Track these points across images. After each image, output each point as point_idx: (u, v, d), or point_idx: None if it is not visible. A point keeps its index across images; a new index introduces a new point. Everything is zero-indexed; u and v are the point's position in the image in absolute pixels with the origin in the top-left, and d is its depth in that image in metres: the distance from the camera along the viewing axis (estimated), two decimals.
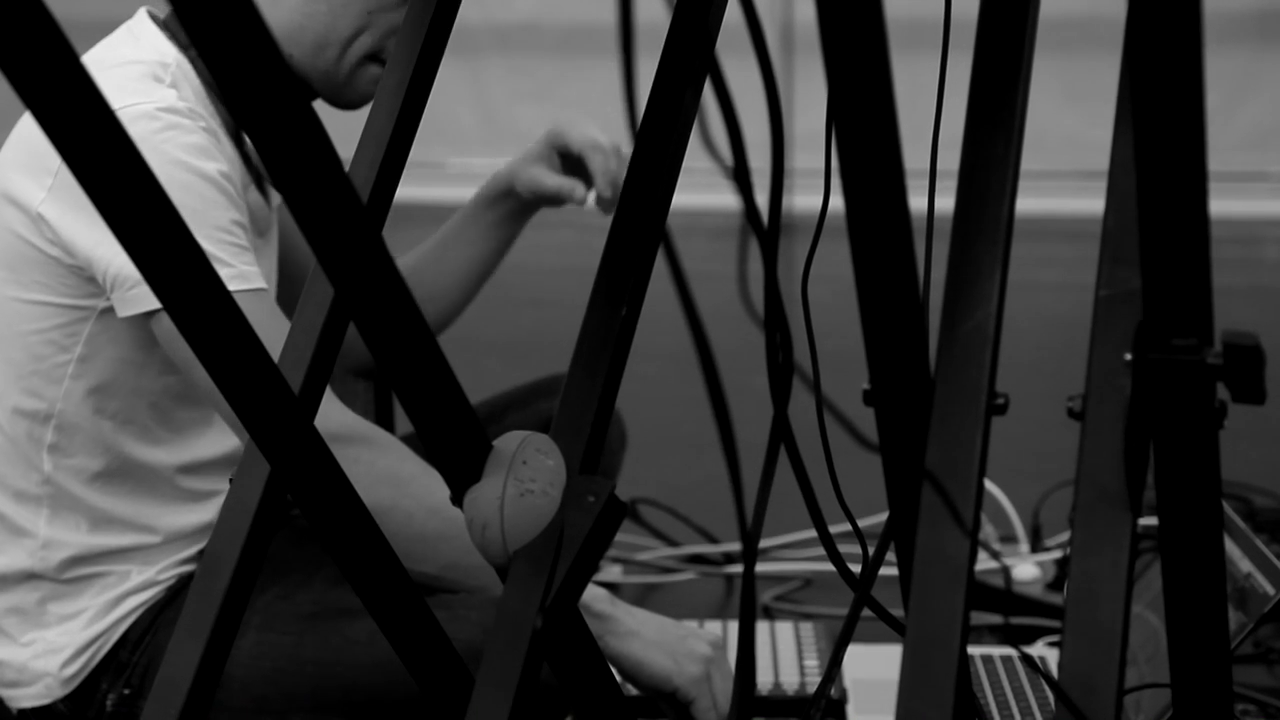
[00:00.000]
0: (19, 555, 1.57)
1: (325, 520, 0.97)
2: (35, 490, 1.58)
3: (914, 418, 0.85)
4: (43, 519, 1.59)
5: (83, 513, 1.59)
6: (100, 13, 1.90)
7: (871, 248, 0.79)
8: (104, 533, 1.60)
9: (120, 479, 1.59)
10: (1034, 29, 0.94)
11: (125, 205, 0.75)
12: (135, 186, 0.74)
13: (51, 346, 1.55)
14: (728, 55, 0.82)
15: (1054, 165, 5.21)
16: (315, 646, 1.54)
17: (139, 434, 1.59)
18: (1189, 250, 0.77)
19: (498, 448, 1.00)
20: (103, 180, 0.73)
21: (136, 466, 1.60)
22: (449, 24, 1.17)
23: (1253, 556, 1.70)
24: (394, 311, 0.86)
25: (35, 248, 1.51)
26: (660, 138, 1.07)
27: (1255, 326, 0.80)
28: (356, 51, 1.64)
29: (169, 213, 0.77)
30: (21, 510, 1.59)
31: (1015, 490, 2.27)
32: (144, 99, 1.49)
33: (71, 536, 1.59)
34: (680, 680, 1.51)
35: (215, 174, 1.49)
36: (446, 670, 1.07)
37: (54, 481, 1.58)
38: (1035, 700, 1.74)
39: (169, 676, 1.04)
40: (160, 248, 0.78)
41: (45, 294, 1.53)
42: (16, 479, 1.58)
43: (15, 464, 1.58)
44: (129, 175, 0.73)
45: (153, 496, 1.61)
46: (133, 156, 0.73)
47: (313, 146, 0.76)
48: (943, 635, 0.78)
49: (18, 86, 0.68)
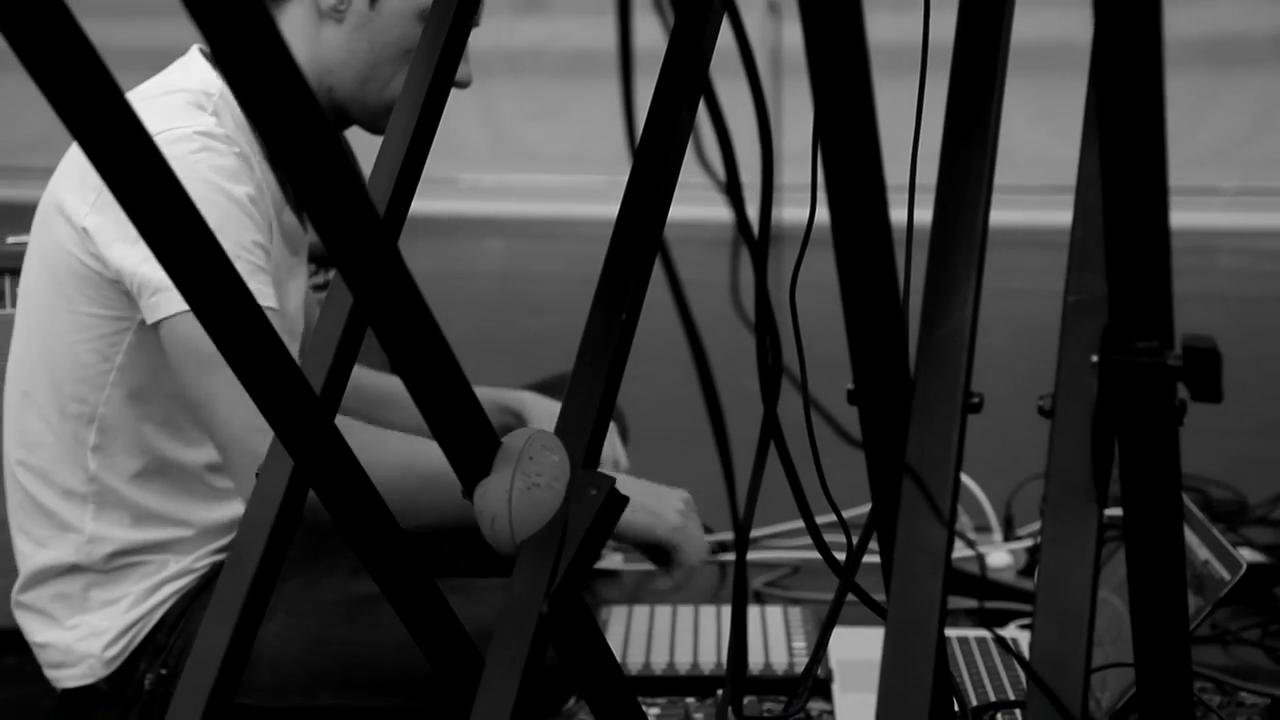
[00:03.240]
0: (66, 549, 1.58)
1: (345, 513, 0.97)
2: (82, 488, 1.58)
3: (895, 416, 0.85)
4: (89, 515, 1.59)
5: (125, 509, 1.59)
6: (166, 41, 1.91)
7: (855, 257, 0.79)
8: (144, 528, 1.60)
9: (158, 477, 1.59)
10: (1006, 53, 0.93)
11: (158, 219, 0.75)
12: (168, 202, 0.74)
13: (95, 355, 1.55)
14: (721, 77, 0.81)
15: (1025, 180, 5.22)
16: (338, 630, 1.54)
17: (174, 435, 1.60)
18: (1151, 259, 0.77)
19: (506, 444, 1.00)
20: (136, 196, 0.73)
21: (172, 466, 1.60)
22: (460, 48, 1.17)
23: (1210, 545, 1.70)
24: (409, 317, 0.86)
25: (81, 262, 1.52)
26: (657, 154, 1.07)
27: (1212, 330, 0.80)
28: (394, 88, 1.64)
29: (199, 225, 0.76)
30: (69, 507, 1.59)
31: (989, 483, 2.27)
32: (184, 124, 1.51)
33: (115, 531, 1.59)
34: (661, 530, 1.56)
35: (242, 196, 1.50)
36: (459, 652, 1.07)
37: (98, 480, 1.58)
38: (1008, 679, 1.74)
39: (200, 659, 1.04)
40: (190, 257, 0.78)
41: (90, 306, 1.53)
42: (65, 478, 1.59)
43: (63, 464, 1.58)
44: (162, 191, 0.73)
45: (187, 493, 1.61)
46: (166, 174, 0.73)
47: (333, 167, 0.75)
48: (922, 619, 0.78)
49: (62, 113, 0.68)
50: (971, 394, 0.85)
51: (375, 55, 1.63)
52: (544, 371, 2.14)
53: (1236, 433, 2.49)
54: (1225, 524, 2.29)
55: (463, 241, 5.83)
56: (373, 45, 1.63)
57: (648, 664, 1.80)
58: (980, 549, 2.12)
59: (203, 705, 1.02)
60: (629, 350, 1.08)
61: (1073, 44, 5.43)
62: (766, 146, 0.80)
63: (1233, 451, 2.54)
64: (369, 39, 1.62)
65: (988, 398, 0.87)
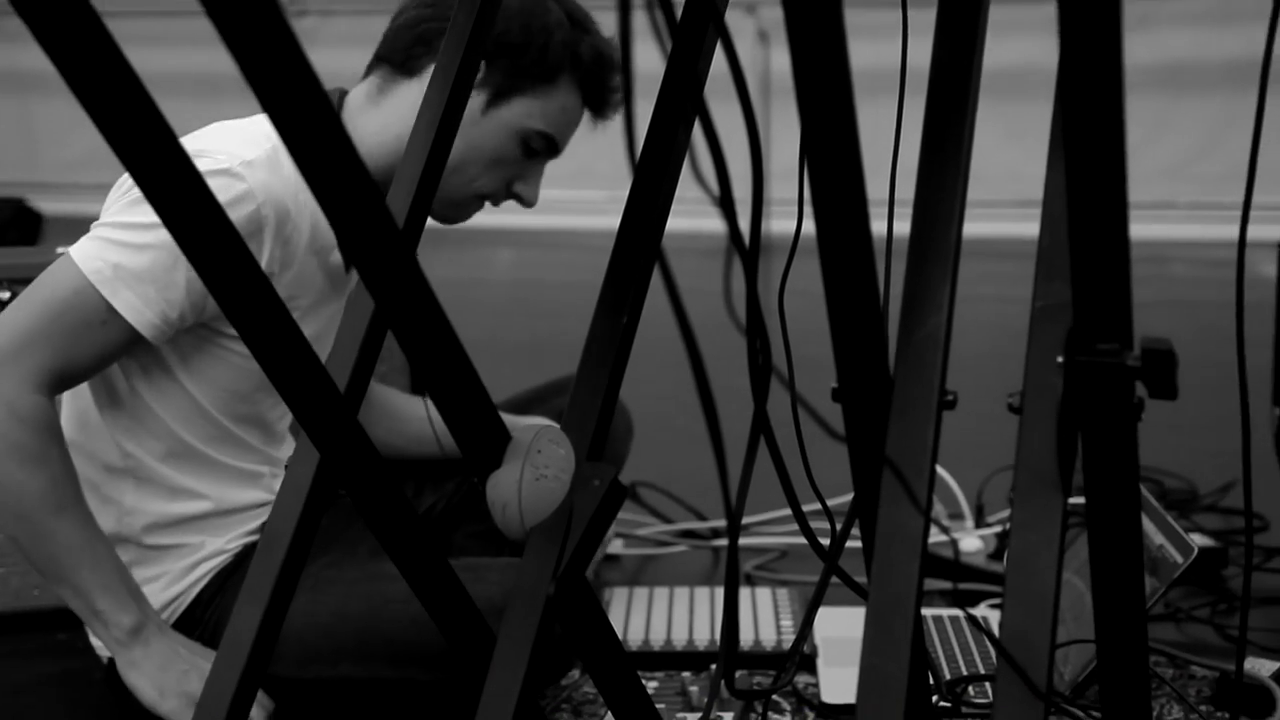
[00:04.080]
0: (108, 520, 1.57)
1: (367, 500, 0.97)
2: (120, 464, 1.58)
3: (876, 412, 0.85)
4: (128, 489, 1.59)
5: (161, 484, 1.59)
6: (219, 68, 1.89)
7: (838, 266, 0.79)
8: (179, 501, 1.59)
9: (185, 458, 1.58)
10: (978, 78, 0.93)
11: (188, 229, 0.75)
12: (200, 216, 0.74)
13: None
14: (714, 99, 0.81)
15: (995, 195, 5.21)
16: (360, 606, 1.54)
17: (184, 425, 1.59)
18: (1112, 268, 0.76)
19: (516, 438, 1.00)
20: (170, 208, 0.73)
21: (192, 451, 1.59)
22: (474, 72, 1.17)
23: (1164, 531, 1.70)
24: (426, 322, 0.86)
25: None
26: (656, 170, 1.07)
27: (1167, 334, 0.80)
28: (474, 188, 1.63)
29: (232, 239, 0.76)
30: (110, 481, 1.59)
31: (962, 474, 2.27)
32: (220, 151, 1.46)
33: (152, 505, 1.59)
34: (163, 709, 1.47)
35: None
36: (469, 625, 1.07)
37: (134, 457, 1.58)
38: (979, 655, 1.74)
39: (234, 635, 1.04)
40: (223, 266, 0.78)
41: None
42: (105, 454, 1.59)
43: (104, 442, 1.59)
44: (195, 206, 0.73)
45: (213, 475, 1.60)
46: (200, 189, 0.73)
47: (356, 184, 0.75)
48: (900, 599, 0.78)
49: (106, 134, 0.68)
50: (946, 392, 0.85)
51: (469, 155, 1.59)
52: (550, 370, 2.13)
53: (1189, 428, 2.49)
54: (1178, 511, 2.29)
55: (476, 251, 5.83)
56: (470, 145, 1.58)
57: (647, 640, 1.80)
58: (954, 535, 2.12)
59: (238, 677, 1.02)
60: (630, 351, 1.08)
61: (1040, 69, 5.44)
62: (757, 163, 0.80)
63: (1185, 445, 2.54)
64: (468, 139, 1.56)
65: (961, 395, 0.87)
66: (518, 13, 1.58)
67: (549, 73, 1.59)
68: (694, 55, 1.04)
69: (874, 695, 0.75)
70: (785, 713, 1.62)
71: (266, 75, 0.67)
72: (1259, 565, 2.08)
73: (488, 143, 1.60)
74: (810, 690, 1.67)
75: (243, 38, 0.65)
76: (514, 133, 1.60)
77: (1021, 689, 0.77)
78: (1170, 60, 5.49)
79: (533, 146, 1.61)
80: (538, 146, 1.62)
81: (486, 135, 1.60)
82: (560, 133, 1.63)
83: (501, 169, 1.62)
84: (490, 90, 1.59)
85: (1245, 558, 1.08)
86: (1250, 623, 1.22)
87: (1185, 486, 2.44)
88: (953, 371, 0.87)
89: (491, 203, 1.66)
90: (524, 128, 1.60)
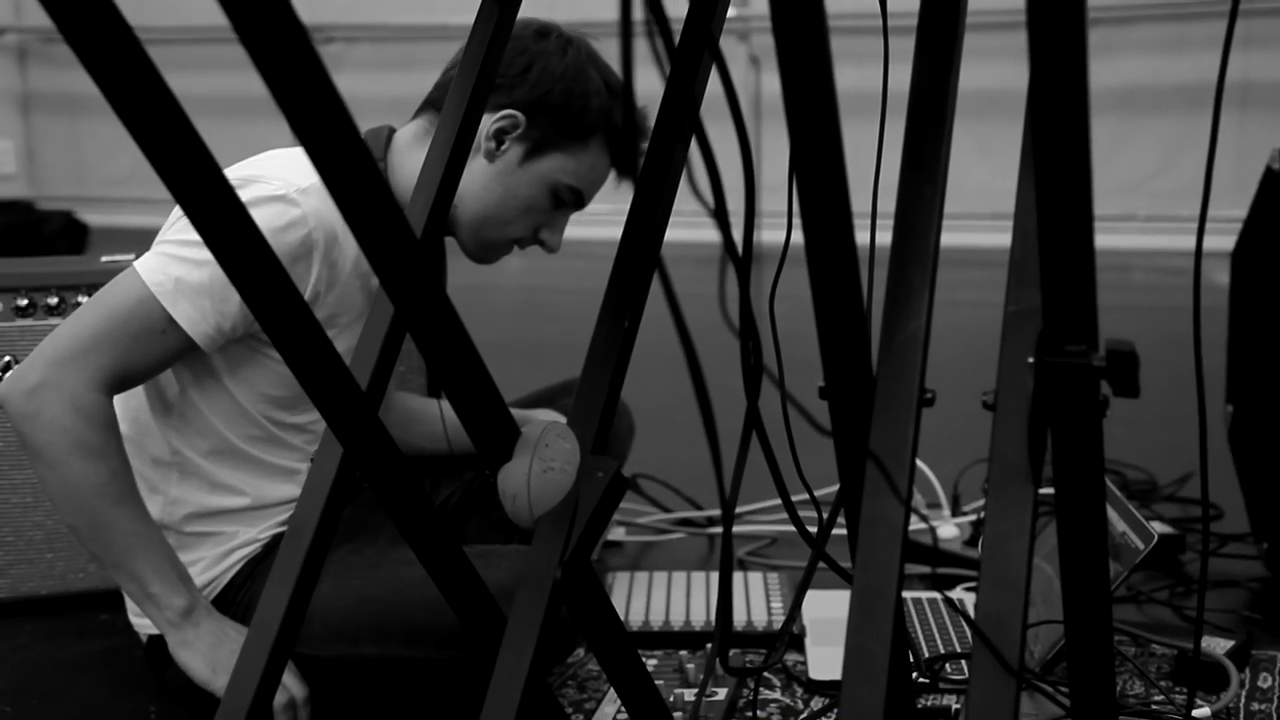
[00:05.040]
0: (153, 508, 1.57)
1: (387, 491, 0.97)
2: (168, 458, 1.59)
3: (860, 409, 0.85)
4: (173, 481, 1.59)
5: (204, 478, 1.59)
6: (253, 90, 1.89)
7: (825, 273, 0.79)
8: (219, 495, 1.60)
9: (228, 456, 1.59)
10: (954, 100, 0.93)
11: (227, 245, 0.74)
12: (238, 234, 0.74)
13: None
14: (710, 119, 0.81)
15: (970, 208, 5.21)
16: (379, 590, 1.54)
17: (230, 425, 1.59)
18: (1078, 275, 0.76)
19: (525, 433, 1.00)
20: (209, 225, 0.73)
21: (235, 449, 1.59)
22: (488, 90, 1.17)
23: (1127, 519, 1.70)
24: (442, 326, 0.86)
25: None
26: (655, 184, 1.07)
27: (1129, 336, 0.80)
28: (507, 234, 1.63)
29: (266, 254, 0.76)
30: (156, 472, 1.60)
31: (940, 467, 2.26)
32: (275, 178, 1.47)
33: (194, 496, 1.59)
34: (216, 685, 1.47)
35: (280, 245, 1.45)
36: (481, 607, 1.07)
37: (181, 453, 1.58)
38: (955, 635, 1.73)
39: (263, 617, 1.04)
40: (254, 274, 0.77)
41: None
42: (153, 448, 1.60)
43: (152, 436, 1.60)
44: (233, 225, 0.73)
45: (253, 471, 1.61)
46: (237, 209, 0.73)
47: (376, 198, 0.75)
48: (883, 583, 0.78)
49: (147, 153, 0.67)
50: (925, 390, 0.85)
51: (503, 202, 1.60)
52: (559, 370, 2.13)
53: (1150, 423, 2.49)
54: (1139, 501, 2.29)
55: None
56: (506, 193, 1.60)
57: (647, 621, 1.79)
58: (932, 523, 2.12)
59: (266, 654, 1.02)
60: (631, 353, 1.07)
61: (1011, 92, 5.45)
62: (749, 178, 0.79)
63: (1146, 439, 2.54)
64: (505, 186, 1.59)
65: (939, 394, 0.87)
66: (561, 76, 1.59)
67: (584, 133, 1.60)
68: (691, 78, 1.03)
69: (858, 672, 0.74)
70: (776, 688, 1.62)
71: (300, 108, 0.67)
72: (1214, 551, 2.08)
73: (522, 191, 1.61)
74: (799, 667, 1.67)
75: (280, 76, 0.65)
76: (546, 184, 1.61)
77: (995, 666, 0.77)
78: (1130, 84, 5.49)
79: (561, 198, 1.62)
80: (566, 198, 1.63)
81: (523, 184, 1.60)
82: (587, 188, 1.64)
83: (532, 216, 1.63)
84: (529, 144, 1.60)
85: (1202, 544, 1.08)
86: (1206, 604, 1.21)
87: (1146, 478, 2.44)
88: (931, 371, 0.87)
89: (519, 246, 1.67)
90: (556, 181, 1.61)
